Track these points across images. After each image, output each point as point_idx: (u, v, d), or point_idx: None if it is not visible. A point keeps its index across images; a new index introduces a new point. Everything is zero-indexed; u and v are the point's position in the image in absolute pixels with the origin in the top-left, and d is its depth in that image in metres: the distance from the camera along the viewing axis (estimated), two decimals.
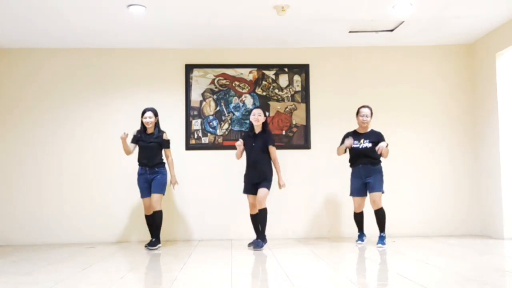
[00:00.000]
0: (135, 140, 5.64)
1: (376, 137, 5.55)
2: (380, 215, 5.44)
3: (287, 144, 6.46)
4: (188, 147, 6.41)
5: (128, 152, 5.58)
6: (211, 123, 6.46)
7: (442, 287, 3.31)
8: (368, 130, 5.61)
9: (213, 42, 6.33)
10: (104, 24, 5.63)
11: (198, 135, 6.44)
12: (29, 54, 6.42)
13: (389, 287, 3.43)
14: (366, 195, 5.56)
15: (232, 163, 6.16)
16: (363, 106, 5.60)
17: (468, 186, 6.47)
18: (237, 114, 6.48)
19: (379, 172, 5.53)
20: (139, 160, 5.63)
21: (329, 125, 6.45)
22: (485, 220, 6.29)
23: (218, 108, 6.48)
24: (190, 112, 6.44)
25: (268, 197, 5.35)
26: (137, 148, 5.65)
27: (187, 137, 6.40)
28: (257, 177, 5.38)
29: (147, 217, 5.71)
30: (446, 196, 6.45)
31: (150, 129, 5.62)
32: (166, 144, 5.66)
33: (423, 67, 6.60)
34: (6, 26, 5.62)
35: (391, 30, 6.00)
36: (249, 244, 5.44)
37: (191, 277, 3.83)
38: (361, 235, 5.67)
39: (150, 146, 5.58)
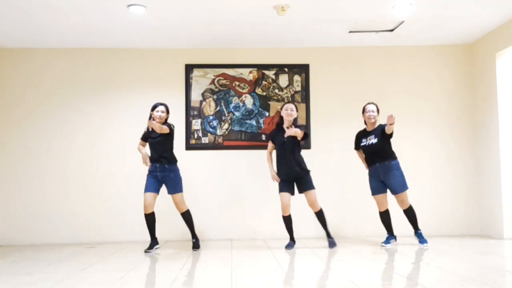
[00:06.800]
0: (144, 137, 5.42)
1: (381, 130, 5.37)
2: (409, 213, 5.37)
3: None
4: (188, 147, 6.41)
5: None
6: (211, 123, 6.46)
7: (442, 287, 3.31)
8: (376, 126, 5.45)
9: (213, 42, 6.33)
10: (104, 24, 5.63)
11: (198, 135, 6.44)
12: (28, 53, 6.42)
13: (389, 287, 3.43)
14: (386, 191, 5.40)
15: (232, 163, 6.17)
16: (369, 103, 5.46)
17: (468, 186, 6.47)
18: (237, 114, 6.47)
19: (397, 169, 5.31)
20: (150, 157, 5.36)
21: (329, 125, 6.45)
22: (485, 220, 6.29)
23: (218, 108, 6.48)
24: (190, 112, 6.44)
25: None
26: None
27: (187, 137, 6.40)
28: (296, 172, 5.28)
29: (146, 216, 5.31)
30: (446, 196, 6.45)
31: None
32: (168, 128, 5.23)
33: (423, 67, 6.60)
34: (6, 25, 5.62)
35: (391, 30, 6.00)
36: (287, 246, 5.31)
37: (191, 277, 3.83)
38: (389, 237, 5.47)
39: (156, 141, 5.26)
